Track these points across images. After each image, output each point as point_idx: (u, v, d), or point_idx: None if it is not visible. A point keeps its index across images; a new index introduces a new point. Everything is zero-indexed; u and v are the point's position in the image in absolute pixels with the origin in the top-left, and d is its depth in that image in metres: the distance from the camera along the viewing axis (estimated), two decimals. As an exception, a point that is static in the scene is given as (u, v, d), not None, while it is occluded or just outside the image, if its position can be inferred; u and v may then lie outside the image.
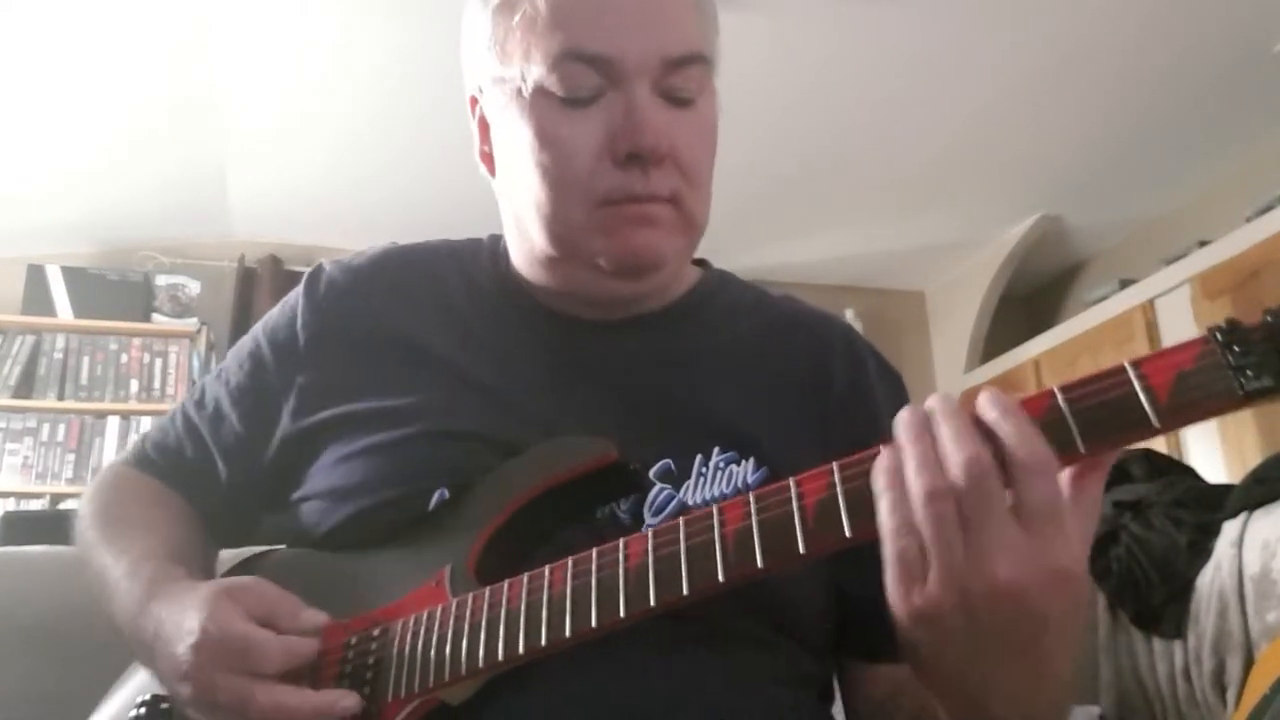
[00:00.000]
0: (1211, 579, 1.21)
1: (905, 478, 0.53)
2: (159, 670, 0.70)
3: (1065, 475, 0.53)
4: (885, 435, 0.80)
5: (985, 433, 0.52)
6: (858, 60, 3.34)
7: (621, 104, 0.72)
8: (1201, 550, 1.25)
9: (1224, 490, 1.31)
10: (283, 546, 0.84)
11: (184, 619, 0.67)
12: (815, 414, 0.81)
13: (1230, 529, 1.23)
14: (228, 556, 0.89)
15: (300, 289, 0.88)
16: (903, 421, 0.54)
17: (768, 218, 4.37)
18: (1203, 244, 3.76)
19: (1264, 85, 3.49)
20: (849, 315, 4.74)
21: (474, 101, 0.83)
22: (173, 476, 0.89)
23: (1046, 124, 3.71)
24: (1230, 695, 1.15)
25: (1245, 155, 3.92)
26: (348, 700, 0.64)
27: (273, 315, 0.89)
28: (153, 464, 0.90)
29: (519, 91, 0.74)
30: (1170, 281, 3.82)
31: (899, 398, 0.86)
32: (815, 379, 0.82)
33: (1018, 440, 0.51)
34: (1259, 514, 1.21)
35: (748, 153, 3.71)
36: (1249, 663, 1.13)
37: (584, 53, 0.72)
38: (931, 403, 0.54)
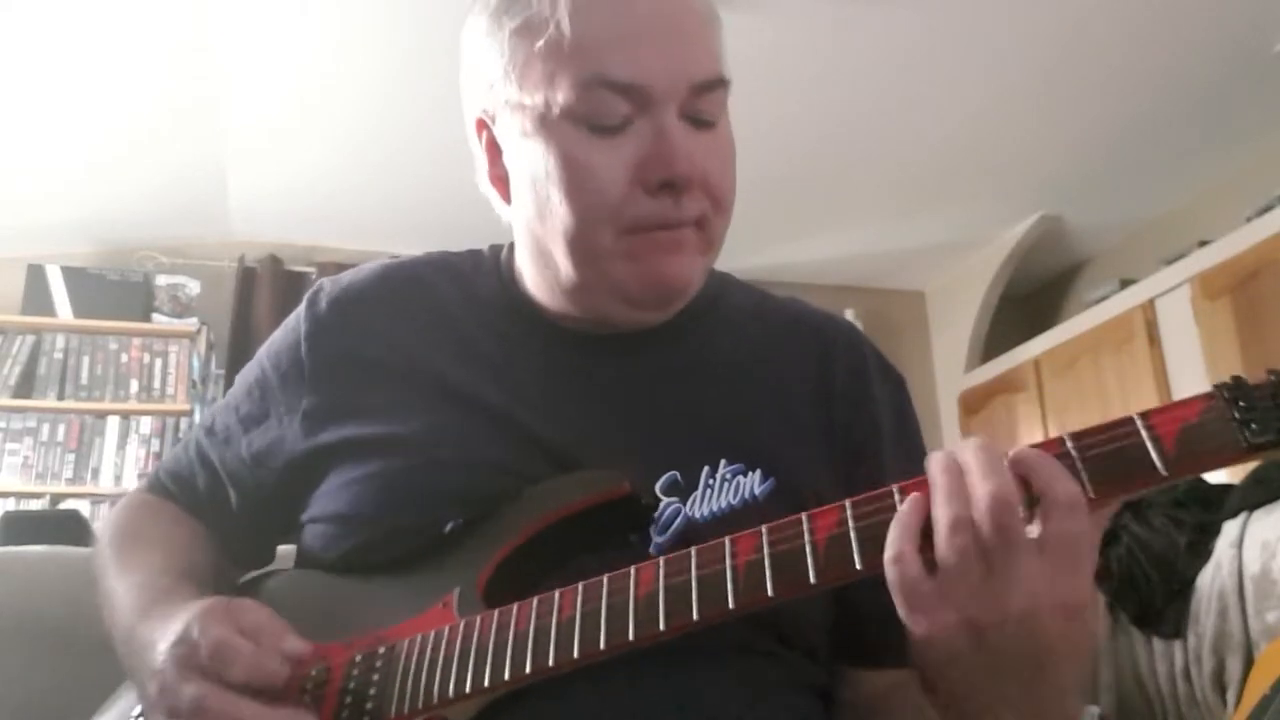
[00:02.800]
0: (1211, 579, 1.21)
1: (933, 507, 0.55)
2: (138, 675, 0.70)
3: None
4: (884, 438, 0.81)
5: (1014, 470, 0.55)
6: (857, 60, 3.34)
7: (651, 131, 0.71)
8: (1201, 550, 1.25)
9: (1224, 490, 1.31)
10: (289, 568, 0.84)
11: (171, 624, 0.68)
12: (820, 418, 0.80)
13: (1230, 529, 1.23)
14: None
15: (301, 310, 0.86)
16: (935, 457, 0.57)
17: (768, 218, 4.37)
18: (1203, 244, 3.76)
19: (1264, 85, 3.48)
20: (849, 315, 4.73)
21: (481, 125, 0.80)
22: (187, 503, 0.89)
23: (1046, 124, 3.71)
24: (1230, 695, 1.15)
25: (1245, 155, 3.92)
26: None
27: (275, 339, 0.88)
28: (168, 491, 0.90)
29: (543, 118, 0.73)
30: (1170, 281, 3.82)
31: (900, 400, 0.86)
32: (818, 381, 0.82)
33: (1052, 477, 0.54)
34: (1259, 514, 1.21)
35: (747, 153, 3.67)
36: (1249, 663, 1.13)
37: (613, 80, 0.71)
38: (966, 441, 0.57)
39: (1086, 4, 3.06)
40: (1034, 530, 0.54)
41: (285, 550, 0.93)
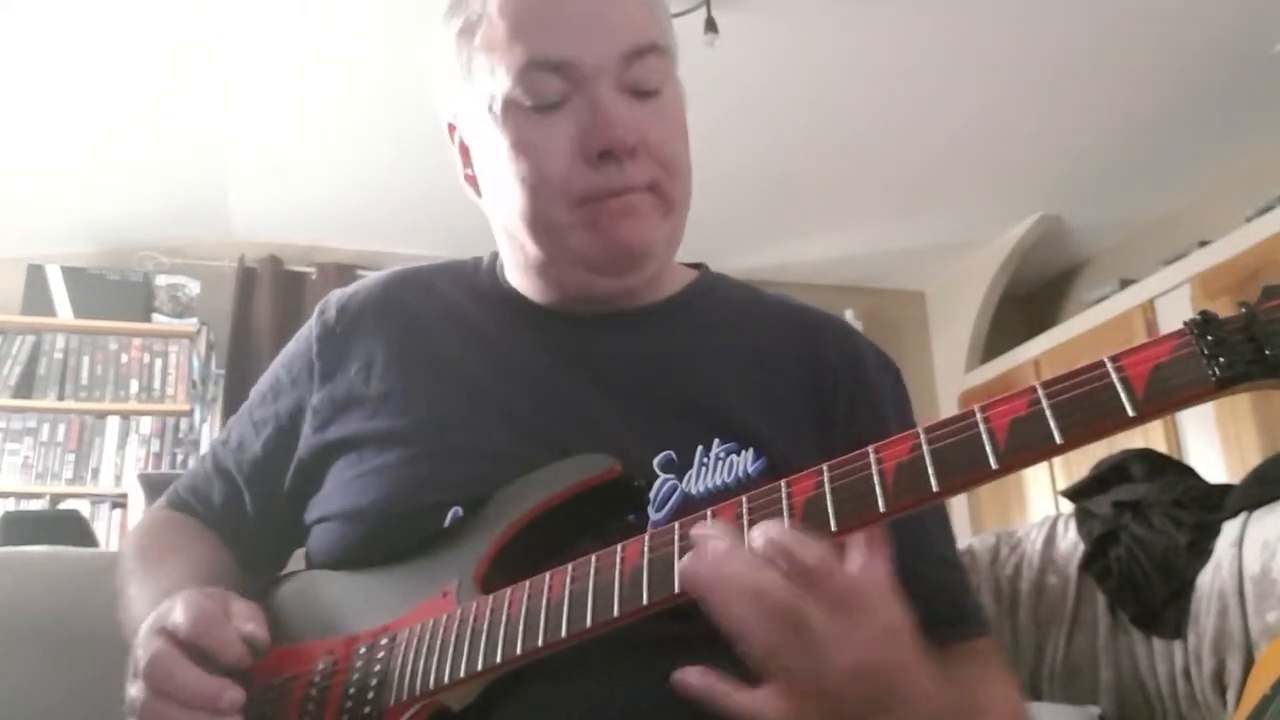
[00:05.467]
0: (1211, 579, 1.21)
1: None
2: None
3: (855, 554, 0.55)
4: (890, 423, 0.81)
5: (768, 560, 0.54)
6: (859, 61, 3.34)
7: (587, 104, 0.75)
8: (1201, 550, 1.25)
9: (1224, 490, 1.31)
10: (298, 570, 0.86)
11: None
12: (813, 408, 0.81)
13: (1230, 529, 1.23)
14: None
15: (313, 319, 0.90)
16: (689, 568, 0.56)
17: (768, 218, 4.37)
18: (1203, 244, 3.76)
19: (1264, 85, 3.49)
20: (849, 315, 4.72)
21: (451, 128, 0.85)
22: (205, 514, 0.92)
23: (1046, 124, 3.71)
24: (1230, 695, 1.15)
25: (1245, 155, 3.92)
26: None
27: (288, 349, 0.92)
28: (186, 504, 0.93)
29: (490, 108, 0.77)
30: (1170, 281, 3.82)
31: (899, 390, 0.87)
32: (812, 375, 0.83)
33: (799, 553, 0.54)
34: (1259, 514, 1.22)
35: (749, 153, 3.71)
36: (1249, 663, 1.13)
37: (545, 60, 0.75)
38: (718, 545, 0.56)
39: (1087, 5, 3.06)
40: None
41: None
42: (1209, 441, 3.51)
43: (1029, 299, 5.12)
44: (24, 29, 2.90)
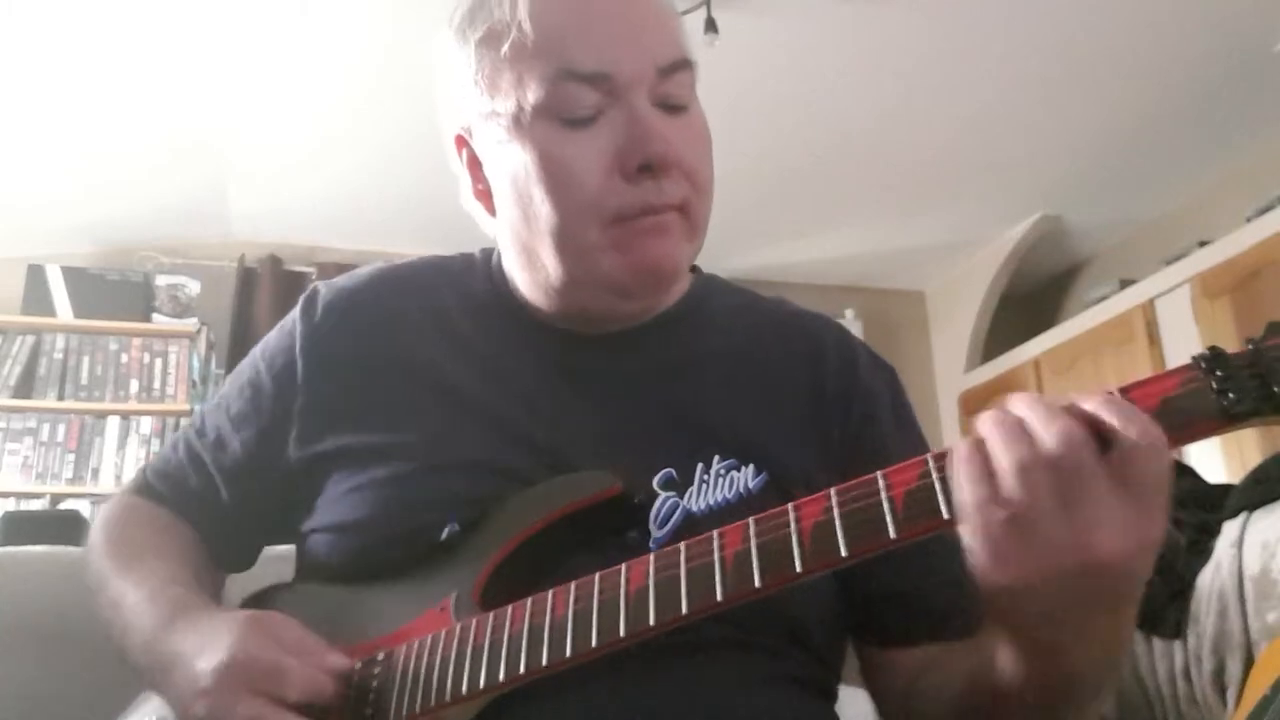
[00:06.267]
0: (1211, 579, 1.21)
1: (992, 456, 0.52)
2: (174, 689, 0.70)
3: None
4: (882, 426, 0.81)
5: (1082, 420, 0.52)
6: (858, 61, 3.34)
7: (623, 118, 0.72)
8: (1201, 550, 1.25)
9: (1224, 490, 1.31)
10: (291, 579, 0.84)
11: (213, 640, 0.68)
12: (811, 414, 0.81)
13: (1230, 529, 1.23)
14: (235, 590, 0.89)
15: (296, 313, 0.86)
16: (984, 415, 0.54)
17: (768, 218, 4.37)
18: (1203, 244, 3.76)
19: (1264, 85, 3.49)
20: (849, 315, 4.74)
21: (461, 142, 0.81)
22: (177, 503, 0.88)
23: (1046, 124, 3.71)
24: (1230, 695, 1.15)
25: (1245, 155, 3.92)
26: None
27: (270, 341, 0.88)
28: (156, 492, 0.89)
29: (516, 120, 0.74)
30: (1170, 281, 3.82)
31: (895, 389, 0.86)
32: (809, 379, 0.82)
33: (1129, 422, 0.51)
34: (1259, 514, 1.21)
35: (749, 154, 3.71)
36: (1249, 663, 1.13)
37: (579, 71, 0.72)
38: (1015, 397, 0.55)
39: (1087, 5, 3.06)
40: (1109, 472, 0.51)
41: (272, 552, 0.93)
42: (1209, 441, 3.50)
43: (1029, 299, 5.12)
44: (25, 29, 2.90)
